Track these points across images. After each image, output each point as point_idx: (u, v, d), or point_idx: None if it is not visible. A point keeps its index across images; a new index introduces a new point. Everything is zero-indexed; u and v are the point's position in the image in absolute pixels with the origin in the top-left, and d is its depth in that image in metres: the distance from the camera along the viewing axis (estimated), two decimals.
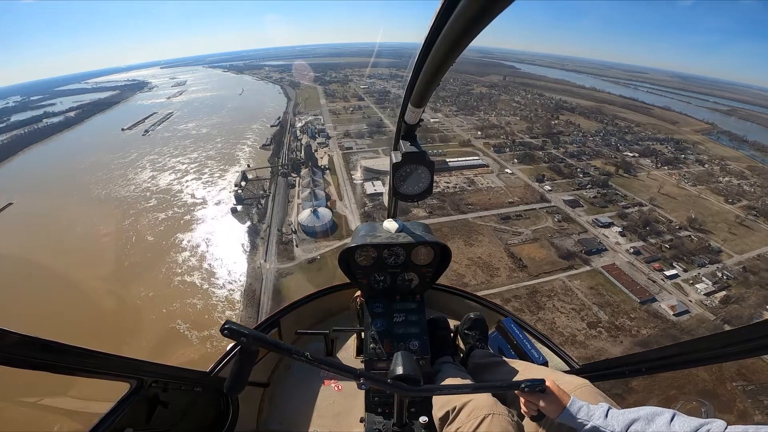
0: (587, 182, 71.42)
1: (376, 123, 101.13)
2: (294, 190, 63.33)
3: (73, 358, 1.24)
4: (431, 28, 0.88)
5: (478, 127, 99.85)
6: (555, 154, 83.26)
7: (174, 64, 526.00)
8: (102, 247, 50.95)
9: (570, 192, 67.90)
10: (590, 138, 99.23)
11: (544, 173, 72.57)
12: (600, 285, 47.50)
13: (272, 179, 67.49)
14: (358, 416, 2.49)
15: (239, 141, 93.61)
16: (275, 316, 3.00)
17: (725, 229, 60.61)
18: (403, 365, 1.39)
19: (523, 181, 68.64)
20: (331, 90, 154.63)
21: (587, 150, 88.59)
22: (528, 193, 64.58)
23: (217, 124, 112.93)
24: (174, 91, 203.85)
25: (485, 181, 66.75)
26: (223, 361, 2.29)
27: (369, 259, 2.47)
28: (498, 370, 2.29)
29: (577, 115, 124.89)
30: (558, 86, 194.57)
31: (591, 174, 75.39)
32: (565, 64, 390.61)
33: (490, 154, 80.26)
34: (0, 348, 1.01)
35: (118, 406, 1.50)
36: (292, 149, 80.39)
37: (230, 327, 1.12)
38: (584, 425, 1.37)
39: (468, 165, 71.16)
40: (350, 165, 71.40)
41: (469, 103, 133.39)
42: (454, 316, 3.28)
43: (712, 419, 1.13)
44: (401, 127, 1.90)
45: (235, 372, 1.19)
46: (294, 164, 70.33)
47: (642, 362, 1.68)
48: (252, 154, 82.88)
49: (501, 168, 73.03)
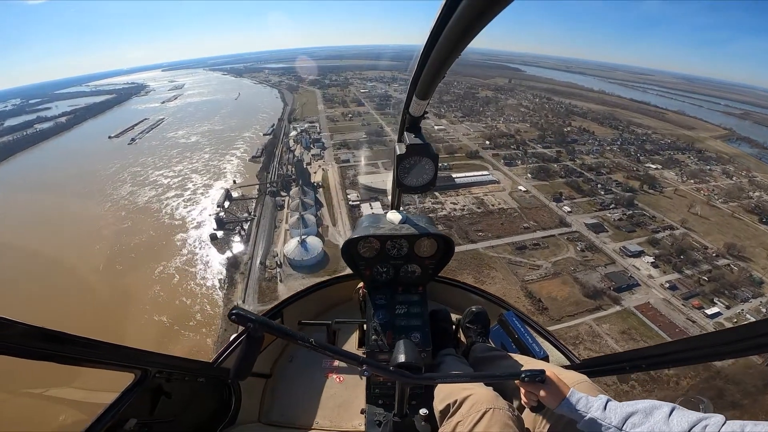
0: (610, 201, 64.22)
1: (376, 131, 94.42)
2: (283, 212, 56.58)
3: (78, 349, 1.24)
4: (437, 20, 0.88)
5: (486, 136, 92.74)
6: (572, 167, 76.00)
7: (175, 67, 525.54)
8: (61, 282, 44.48)
9: (592, 213, 60.71)
10: (607, 147, 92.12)
11: (562, 190, 65.40)
12: (633, 328, 40.91)
13: (259, 198, 60.82)
14: (359, 408, 2.55)
15: (228, 151, 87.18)
16: (278, 306, 3.01)
17: (764, 255, 53.78)
18: (405, 353, 1.41)
19: (539, 201, 61.46)
20: (329, 94, 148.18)
21: (606, 162, 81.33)
22: (545, 216, 57.40)
23: (207, 132, 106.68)
24: (170, 95, 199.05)
25: (496, 201, 59.65)
26: (226, 351, 2.27)
27: (372, 251, 2.44)
28: (499, 364, 2.29)
29: (590, 121, 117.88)
30: (566, 89, 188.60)
31: (613, 191, 68.18)
32: (570, 66, 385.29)
33: (500, 167, 73.11)
34: (6, 338, 1.00)
35: (122, 396, 1.51)
36: (283, 162, 73.68)
37: (237, 312, 1.13)
38: (583, 416, 1.38)
39: (477, 181, 64.08)
40: (346, 181, 64.57)
41: (475, 108, 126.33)
42: (456, 309, 3.26)
43: (710, 414, 1.13)
44: (406, 119, 1.90)
45: (240, 358, 1.19)
46: (284, 181, 63.59)
47: (642, 358, 1.68)
48: (240, 167, 76.31)
49: (513, 185, 65.86)
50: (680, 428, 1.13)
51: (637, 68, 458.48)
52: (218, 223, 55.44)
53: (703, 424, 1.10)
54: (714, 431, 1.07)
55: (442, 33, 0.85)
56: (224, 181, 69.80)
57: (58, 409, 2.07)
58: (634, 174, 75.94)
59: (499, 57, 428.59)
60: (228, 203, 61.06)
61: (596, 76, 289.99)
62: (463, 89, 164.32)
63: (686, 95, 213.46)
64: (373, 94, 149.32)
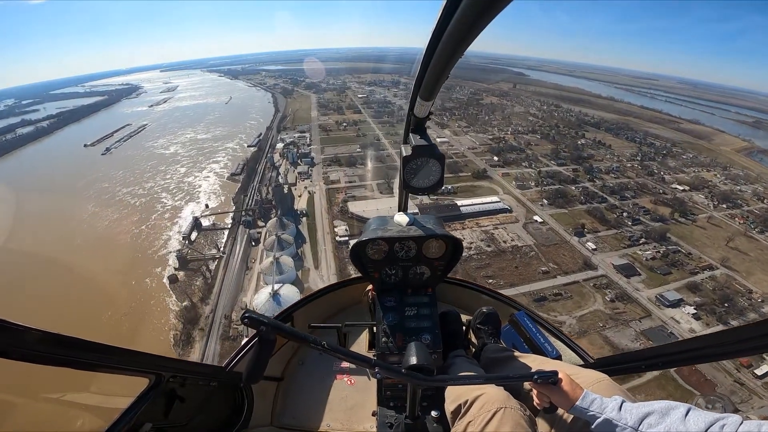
0: (640, 234, 55.79)
1: (373, 143, 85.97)
2: (258, 249, 48.12)
3: (94, 354, 1.25)
4: (439, 21, 0.87)
5: (493, 150, 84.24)
6: (592, 190, 67.49)
7: (174, 68, 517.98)
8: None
9: (620, 250, 52.31)
10: (627, 163, 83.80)
11: (584, 221, 56.90)
12: (672, 396, 31.98)
13: (232, 229, 52.35)
14: (370, 410, 2.58)
15: (207, 165, 78.80)
16: (288, 310, 3.01)
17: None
18: (417, 355, 1.41)
19: (558, 235, 52.91)
20: (325, 100, 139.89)
21: (629, 183, 72.88)
22: (567, 256, 48.87)
23: (188, 142, 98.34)
24: (160, 98, 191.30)
25: (509, 237, 51.11)
26: (238, 356, 2.30)
27: (380, 253, 2.42)
28: (511, 364, 2.25)
29: (604, 133, 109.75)
30: (573, 95, 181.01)
31: (642, 220, 59.76)
32: (573, 70, 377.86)
33: (511, 190, 64.50)
34: (24, 345, 1.01)
35: (137, 401, 1.52)
36: (265, 181, 65.16)
37: (250, 316, 1.13)
38: (597, 418, 1.35)
39: (486, 210, 55.51)
40: (335, 208, 56.03)
41: (480, 117, 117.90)
42: (466, 310, 3.25)
43: (728, 414, 1.11)
44: (411, 121, 1.90)
45: (253, 361, 1.20)
46: (262, 208, 55.02)
47: (658, 356, 1.64)
48: (216, 186, 67.83)
49: (528, 214, 57.25)
50: (697, 428, 1.11)
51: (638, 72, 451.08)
52: (181, 261, 47.09)
53: (720, 423, 1.08)
54: (731, 431, 1.05)
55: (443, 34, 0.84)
56: (196, 203, 61.39)
57: (76, 414, 2.07)
58: (662, 198, 67.61)
59: (500, 60, 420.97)
60: (196, 234, 52.66)
61: (601, 81, 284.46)
62: (467, 95, 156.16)
63: (694, 101, 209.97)
64: (371, 99, 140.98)
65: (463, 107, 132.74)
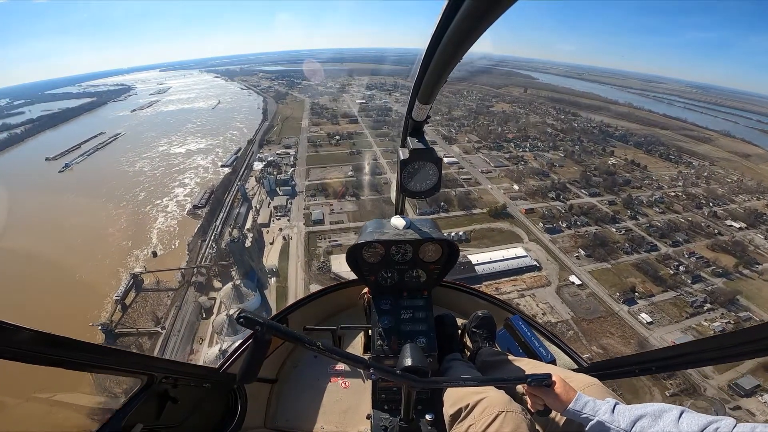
0: (703, 297, 43.25)
1: (369, 164, 73.53)
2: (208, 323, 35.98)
3: (86, 354, 1.24)
4: (438, 24, 0.86)
5: (512, 175, 71.45)
6: (637, 234, 54.74)
7: (173, 68, 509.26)
8: None
9: (681, 321, 39.99)
10: (671, 192, 71.03)
11: (633, 280, 44.31)
12: None
13: (179, 291, 40.21)
14: (364, 413, 2.53)
15: (171, 190, 66.67)
16: (283, 312, 2.97)
17: None
18: (412, 357, 1.41)
19: (602, 304, 40.32)
20: (319, 106, 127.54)
21: (679, 221, 60.02)
22: (616, 334, 36.40)
23: (158, 157, 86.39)
24: (147, 101, 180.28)
25: (539, 308, 38.61)
26: (232, 357, 2.28)
27: (376, 256, 2.42)
28: (506, 368, 2.26)
29: (635, 149, 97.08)
30: (588, 101, 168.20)
31: (702, 276, 47.07)
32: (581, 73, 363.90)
33: (539, 236, 51.64)
34: (14, 344, 1.00)
35: (129, 401, 1.51)
36: (230, 220, 52.83)
37: (246, 316, 1.12)
38: (590, 420, 1.35)
39: (509, 269, 42.81)
40: (314, 264, 43.56)
41: (492, 129, 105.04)
42: (461, 313, 3.25)
43: (721, 417, 1.10)
44: (409, 124, 1.91)
45: (248, 361, 1.19)
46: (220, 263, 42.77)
47: (652, 361, 1.65)
48: (173, 222, 55.64)
49: (561, 272, 44.45)
50: (690, 431, 1.10)
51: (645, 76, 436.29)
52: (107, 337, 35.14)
53: (713, 426, 1.07)
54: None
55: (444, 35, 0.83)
56: (146, 247, 49.24)
57: (67, 415, 2.06)
58: (720, 242, 54.83)
59: (507, 63, 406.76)
60: (135, 294, 40.61)
61: (612, 85, 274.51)
62: (475, 101, 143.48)
63: (711, 107, 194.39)
64: (370, 106, 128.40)
65: (473, 116, 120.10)
